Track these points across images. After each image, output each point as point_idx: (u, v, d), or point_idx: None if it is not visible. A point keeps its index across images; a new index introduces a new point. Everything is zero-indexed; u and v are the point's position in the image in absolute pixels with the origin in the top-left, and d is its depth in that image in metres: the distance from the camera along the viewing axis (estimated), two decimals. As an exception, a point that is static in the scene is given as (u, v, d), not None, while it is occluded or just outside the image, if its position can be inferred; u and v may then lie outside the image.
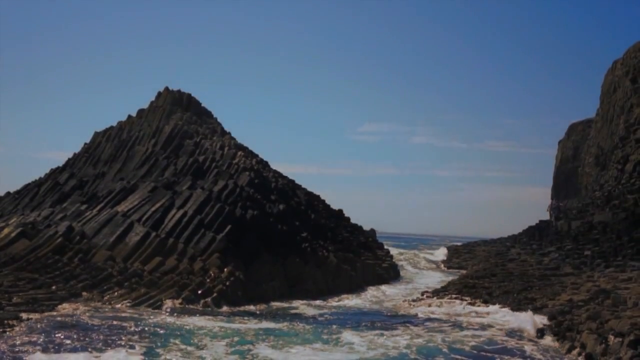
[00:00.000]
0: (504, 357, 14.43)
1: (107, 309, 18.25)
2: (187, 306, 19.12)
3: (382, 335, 16.06)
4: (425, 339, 15.64)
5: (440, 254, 50.20)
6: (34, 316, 16.70)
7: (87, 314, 17.36)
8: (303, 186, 38.02)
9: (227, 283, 21.02)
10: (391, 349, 14.48)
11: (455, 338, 15.99)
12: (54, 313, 17.46)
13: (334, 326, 17.31)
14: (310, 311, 20.31)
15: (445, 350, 14.69)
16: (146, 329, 15.65)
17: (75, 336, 14.50)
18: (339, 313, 20.30)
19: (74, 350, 13.30)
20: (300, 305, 21.54)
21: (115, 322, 16.23)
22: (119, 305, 18.94)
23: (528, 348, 15.39)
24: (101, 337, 14.55)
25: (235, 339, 14.95)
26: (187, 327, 16.08)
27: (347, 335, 15.75)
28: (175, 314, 18.17)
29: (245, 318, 18.23)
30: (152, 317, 17.48)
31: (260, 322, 17.55)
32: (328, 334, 15.98)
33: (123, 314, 17.65)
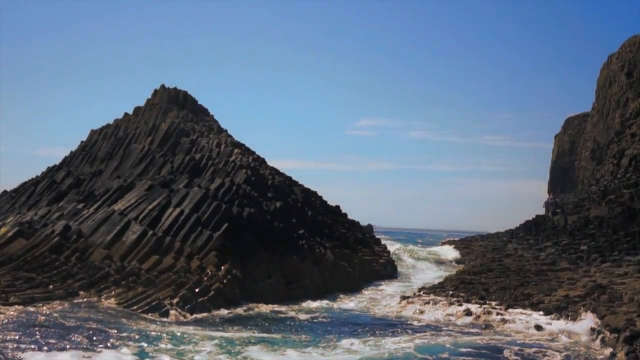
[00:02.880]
0: (514, 349, 14.40)
1: (96, 309, 18.08)
2: (180, 310, 19.01)
3: (382, 337, 15.91)
4: (428, 340, 15.48)
5: (448, 250, 49.00)
6: (12, 312, 16.61)
7: (77, 312, 17.22)
8: (300, 182, 38.09)
9: (225, 281, 21.06)
10: (393, 350, 14.34)
11: (460, 337, 15.93)
12: (37, 308, 17.40)
13: (331, 330, 17.12)
14: (305, 315, 20.02)
15: (451, 347, 14.59)
16: (136, 331, 15.42)
17: (59, 335, 14.31)
18: (336, 316, 20.07)
19: (61, 349, 13.17)
20: (296, 308, 21.25)
21: (101, 322, 16.01)
22: (110, 305, 18.94)
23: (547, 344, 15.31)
24: (88, 337, 14.38)
25: (228, 343, 14.74)
26: (179, 331, 15.84)
27: (346, 339, 15.55)
28: (167, 317, 18.08)
29: (239, 323, 17.97)
30: (143, 319, 17.26)
31: (254, 327, 17.30)
32: (325, 339, 15.76)
33: (112, 314, 17.46)
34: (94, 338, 14.38)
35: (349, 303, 23.06)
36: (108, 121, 35.60)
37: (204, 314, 19.05)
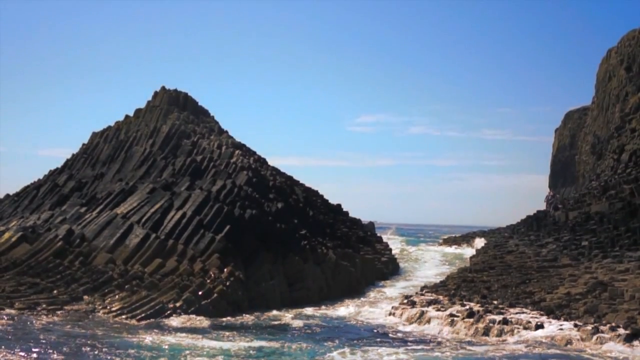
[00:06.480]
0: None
1: (92, 319, 18.03)
2: (184, 313, 19.09)
3: (381, 348, 15.73)
4: (427, 352, 15.33)
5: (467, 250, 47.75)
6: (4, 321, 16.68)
7: (68, 324, 17.11)
8: (301, 180, 38.34)
9: (228, 283, 21.15)
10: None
11: (462, 347, 15.86)
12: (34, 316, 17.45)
13: (330, 339, 16.97)
14: (305, 321, 19.77)
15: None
16: (128, 345, 15.17)
17: (43, 348, 14.20)
18: (336, 324, 19.87)
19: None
20: (297, 314, 21.06)
21: (92, 337, 15.76)
22: (112, 309, 19.05)
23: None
24: (76, 351, 14.23)
25: (226, 355, 14.63)
26: (175, 343, 15.64)
27: (344, 351, 15.30)
28: (160, 328, 17.87)
29: (238, 330, 17.88)
30: (138, 332, 16.94)
31: (253, 335, 17.09)
32: (324, 347, 15.68)
33: (106, 326, 17.35)
34: (82, 352, 14.24)
35: (350, 308, 22.75)
36: (109, 121, 35.83)
37: (206, 319, 18.94)
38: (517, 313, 18.65)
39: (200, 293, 20.19)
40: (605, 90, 56.66)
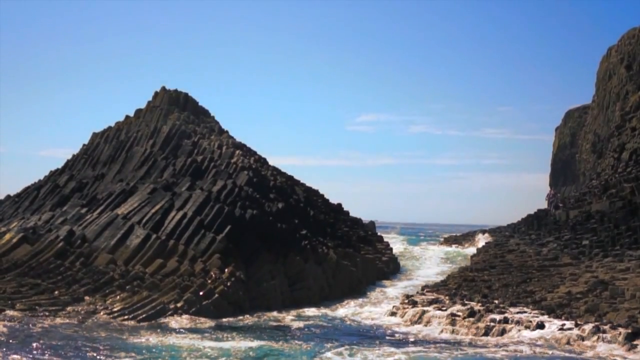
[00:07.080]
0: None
1: (92, 321, 17.98)
2: (185, 314, 19.10)
3: (379, 348, 15.70)
4: (426, 353, 15.32)
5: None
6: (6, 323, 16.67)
7: (67, 328, 17.02)
8: (302, 180, 38.32)
9: (228, 284, 21.17)
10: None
11: (461, 349, 15.82)
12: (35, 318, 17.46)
13: (330, 340, 16.94)
14: (305, 323, 19.71)
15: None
16: (128, 347, 15.15)
17: (41, 352, 14.16)
18: (336, 325, 19.81)
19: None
20: (298, 315, 21.00)
21: (94, 340, 15.70)
22: (113, 310, 19.04)
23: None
24: (75, 352, 14.23)
25: (226, 356, 14.67)
26: (172, 345, 15.59)
27: (343, 351, 15.33)
28: (161, 328, 17.84)
29: (238, 331, 17.87)
30: (138, 333, 16.88)
31: (252, 338, 16.97)
32: (325, 348, 15.71)
33: (104, 327, 17.34)
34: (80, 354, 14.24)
35: (351, 308, 22.76)
36: (109, 122, 35.87)
37: (207, 319, 18.97)
38: (517, 312, 18.67)
39: (201, 293, 20.22)
40: (605, 88, 56.69)
